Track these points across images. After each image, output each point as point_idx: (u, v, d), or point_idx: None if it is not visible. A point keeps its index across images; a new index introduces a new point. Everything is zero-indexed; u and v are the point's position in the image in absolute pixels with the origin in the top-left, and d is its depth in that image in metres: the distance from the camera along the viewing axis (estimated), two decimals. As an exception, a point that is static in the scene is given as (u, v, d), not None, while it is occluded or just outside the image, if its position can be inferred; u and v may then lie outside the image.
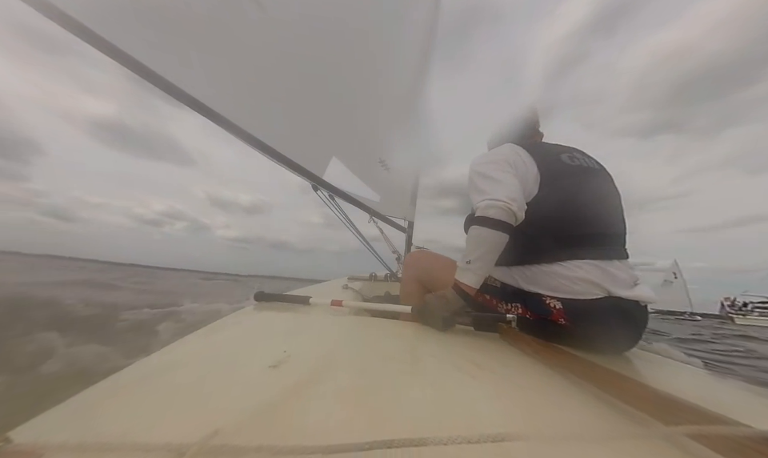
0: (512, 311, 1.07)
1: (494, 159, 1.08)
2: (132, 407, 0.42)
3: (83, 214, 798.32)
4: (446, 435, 0.33)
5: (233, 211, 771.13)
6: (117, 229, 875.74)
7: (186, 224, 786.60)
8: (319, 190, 2.30)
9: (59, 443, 0.32)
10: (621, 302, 0.92)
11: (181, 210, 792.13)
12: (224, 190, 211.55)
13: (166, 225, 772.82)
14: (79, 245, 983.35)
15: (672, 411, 0.42)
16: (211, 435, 0.33)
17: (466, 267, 0.97)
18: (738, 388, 0.84)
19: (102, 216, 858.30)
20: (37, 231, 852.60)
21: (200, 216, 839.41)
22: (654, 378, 0.86)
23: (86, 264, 52.16)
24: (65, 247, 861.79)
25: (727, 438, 0.35)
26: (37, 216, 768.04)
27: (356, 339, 0.84)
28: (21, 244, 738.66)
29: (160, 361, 0.59)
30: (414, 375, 0.59)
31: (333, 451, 0.31)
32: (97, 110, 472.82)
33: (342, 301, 1.13)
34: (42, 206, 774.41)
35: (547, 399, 0.56)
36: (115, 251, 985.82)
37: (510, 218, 0.93)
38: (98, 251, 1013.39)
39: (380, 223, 2.89)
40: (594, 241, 1.00)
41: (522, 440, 0.36)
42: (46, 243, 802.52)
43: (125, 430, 0.36)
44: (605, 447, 0.40)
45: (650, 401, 0.47)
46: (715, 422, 0.38)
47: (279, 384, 0.49)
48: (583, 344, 0.93)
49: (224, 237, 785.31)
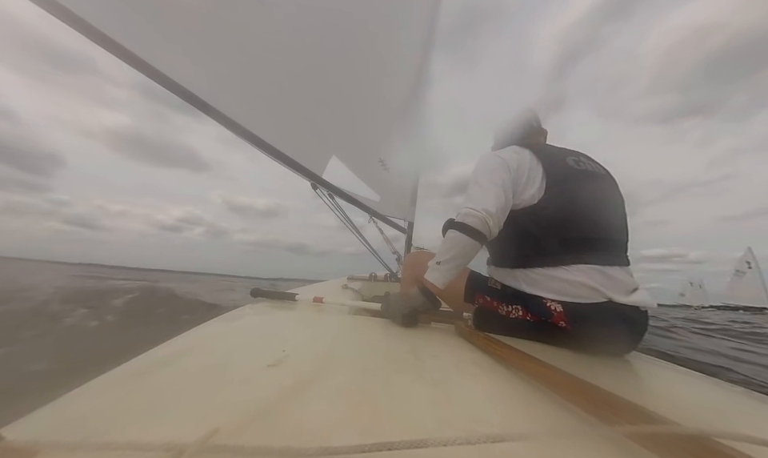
0: (512, 312, 1.08)
1: (492, 166, 1.09)
2: (129, 404, 0.41)
3: (106, 223, 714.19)
4: (446, 436, 0.33)
5: (249, 216, 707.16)
6: (139, 236, 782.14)
7: (203, 229, 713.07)
8: (318, 189, 2.30)
9: (53, 441, 0.31)
10: (621, 307, 0.93)
11: (199, 215, 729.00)
12: (240, 195, 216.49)
13: (185, 230, 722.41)
14: (101, 253, 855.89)
15: (613, 410, 0.45)
16: (210, 434, 0.33)
17: (435, 266, 1.02)
18: (728, 391, 0.82)
19: (124, 223, 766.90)
20: (63, 240, 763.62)
21: (218, 221, 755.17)
22: (641, 381, 0.86)
23: (127, 271, 54.90)
24: (90, 255, 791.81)
25: (658, 436, 0.37)
26: (59, 225, 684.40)
27: (355, 338, 0.84)
28: (51, 253, 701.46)
29: (157, 358, 0.58)
30: (414, 375, 0.59)
31: (334, 452, 0.30)
32: (113, 122, 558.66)
33: (322, 297, 1.20)
34: (66, 216, 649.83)
35: (537, 399, 0.56)
36: (141, 258, 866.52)
37: (485, 229, 0.97)
38: (123, 257, 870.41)
39: (380, 224, 2.90)
40: (597, 246, 1.00)
41: (522, 441, 0.36)
42: (72, 252, 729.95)
43: (121, 428, 0.35)
44: (546, 444, 0.41)
45: (595, 401, 0.48)
46: (649, 421, 0.41)
47: (278, 384, 0.49)
48: (582, 347, 0.94)
49: (242, 241, 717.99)
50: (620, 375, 0.83)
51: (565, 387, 0.54)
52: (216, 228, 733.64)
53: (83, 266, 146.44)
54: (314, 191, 2.35)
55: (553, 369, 0.60)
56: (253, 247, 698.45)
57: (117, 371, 0.52)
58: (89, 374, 0.48)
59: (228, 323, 0.89)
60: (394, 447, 0.32)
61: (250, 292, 1.24)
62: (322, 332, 0.87)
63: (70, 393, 0.44)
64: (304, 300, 1.19)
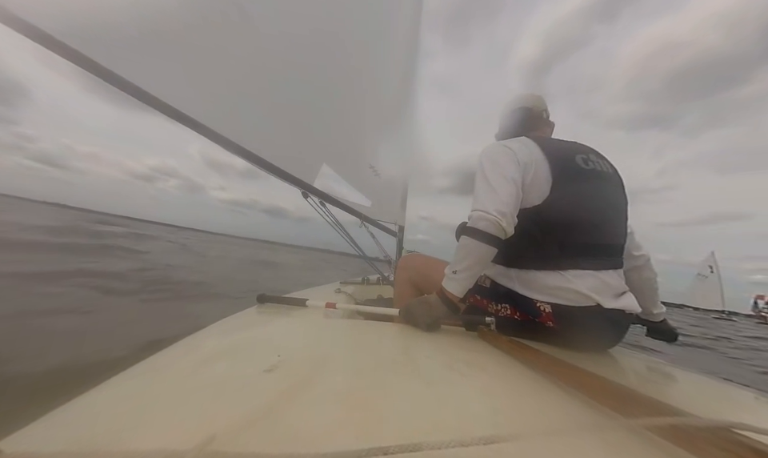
0: (501, 311, 1.09)
1: (501, 158, 1.04)
2: (126, 412, 0.41)
3: (75, 164, 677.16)
4: (439, 439, 0.34)
5: (228, 175, 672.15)
6: (112, 182, 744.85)
7: (178, 182, 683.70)
8: (309, 197, 2.30)
9: (52, 453, 0.32)
10: (608, 311, 0.95)
11: (173, 167, 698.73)
12: (219, 151, 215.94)
13: (159, 181, 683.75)
14: (74, 194, 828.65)
15: (631, 404, 0.47)
16: (207, 441, 0.33)
17: (452, 276, 0.99)
18: (699, 382, 0.93)
19: (93, 166, 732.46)
20: (27, 176, 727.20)
21: (194, 175, 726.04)
22: (630, 374, 0.92)
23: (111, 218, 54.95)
24: (55, 195, 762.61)
25: (678, 428, 0.39)
26: (24, 160, 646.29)
27: (349, 342, 0.84)
28: (14, 189, 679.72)
29: (156, 365, 0.58)
30: (408, 377, 0.60)
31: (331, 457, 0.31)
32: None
33: (335, 303, 1.17)
34: (31, 152, 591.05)
35: (531, 397, 0.58)
36: (119, 203, 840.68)
37: (500, 232, 0.94)
38: (92, 202, 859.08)
39: (371, 228, 2.91)
40: (596, 252, 1.00)
41: (513, 441, 0.37)
42: (36, 190, 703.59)
43: (119, 437, 0.35)
44: (576, 438, 0.43)
45: (612, 395, 0.51)
46: (668, 413, 0.42)
47: (274, 389, 0.49)
48: (567, 344, 0.97)
49: (218, 198, 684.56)
50: (604, 369, 0.87)
51: (579, 382, 0.57)
52: (192, 183, 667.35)
53: (48, 205, 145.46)
54: (305, 200, 2.34)
55: (570, 366, 0.64)
56: (229, 205, 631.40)
57: (114, 379, 0.52)
58: (85, 384, 0.48)
59: (227, 328, 0.89)
60: (389, 451, 0.33)
61: (256, 298, 1.22)
62: (317, 336, 0.87)
63: (67, 403, 0.44)
64: (315, 306, 1.17)
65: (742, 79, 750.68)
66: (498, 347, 0.86)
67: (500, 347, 0.86)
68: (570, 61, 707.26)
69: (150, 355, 0.62)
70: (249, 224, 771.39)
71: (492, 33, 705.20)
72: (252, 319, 1.02)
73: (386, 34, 2.83)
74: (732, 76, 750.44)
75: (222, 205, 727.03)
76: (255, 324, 0.97)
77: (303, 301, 1.19)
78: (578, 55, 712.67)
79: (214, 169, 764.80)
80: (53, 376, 1.52)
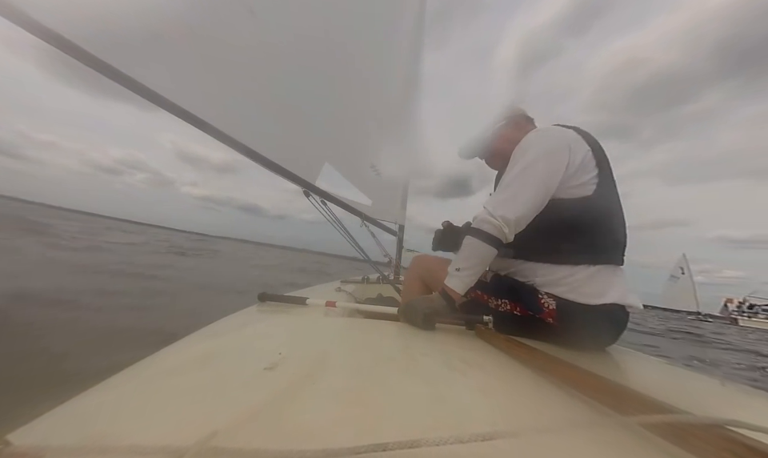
0: (501, 306, 1.10)
1: (552, 147, 0.99)
2: (130, 409, 0.42)
3: (31, 153, 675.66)
4: (438, 436, 0.35)
5: (202, 169, 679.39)
6: (72, 174, 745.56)
7: (146, 176, 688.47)
8: (311, 196, 2.31)
9: (59, 446, 0.32)
10: (611, 307, 0.96)
11: (142, 159, 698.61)
12: (194, 143, 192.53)
13: (125, 174, 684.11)
14: (22, 186, 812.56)
15: (626, 401, 0.48)
16: (209, 436, 0.34)
17: (455, 273, 1.02)
18: (694, 379, 0.95)
19: (51, 157, 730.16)
20: None
21: (165, 169, 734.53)
22: (625, 371, 0.93)
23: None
24: (5, 187, 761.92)
25: (672, 425, 0.40)
26: None
27: (349, 340, 0.85)
28: None
29: (159, 363, 0.59)
30: (407, 375, 0.60)
31: (331, 454, 0.32)
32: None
33: (335, 302, 1.19)
34: None
35: (528, 395, 0.59)
36: (81, 199, 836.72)
37: (501, 236, 0.96)
38: (49, 195, 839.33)
39: (371, 227, 2.92)
40: (612, 247, 1.01)
41: (510, 438, 0.38)
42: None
43: (123, 432, 0.36)
44: (571, 435, 0.43)
45: (608, 393, 0.52)
46: (662, 411, 0.43)
47: (274, 386, 0.50)
48: (566, 341, 0.98)
49: (190, 194, 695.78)
50: (601, 366, 0.88)
51: (575, 380, 0.58)
52: (162, 177, 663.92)
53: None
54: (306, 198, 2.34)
55: (566, 365, 0.64)
56: (202, 202, 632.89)
57: (117, 376, 0.53)
58: (91, 379, 0.49)
59: (228, 326, 0.90)
60: (389, 447, 0.33)
61: (257, 296, 1.24)
62: (317, 335, 0.88)
63: (74, 398, 0.45)
64: (315, 305, 1.19)
65: (693, 96, 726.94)
66: (496, 346, 0.87)
67: (498, 345, 0.87)
68: (544, 69, 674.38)
69: (153, 353, 0.63)
70: (223, 222, 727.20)
71: (472, 34, 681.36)
72: (253, 318, 1.02)
73: (389, 34, 2.83)
74: (685, 92, 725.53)
75: (195, 201, 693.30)
76: (256, 322, 0.98)
77: (303, 300, 1.20)
78: (549, 66, 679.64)
79: (187, 162, 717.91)
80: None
